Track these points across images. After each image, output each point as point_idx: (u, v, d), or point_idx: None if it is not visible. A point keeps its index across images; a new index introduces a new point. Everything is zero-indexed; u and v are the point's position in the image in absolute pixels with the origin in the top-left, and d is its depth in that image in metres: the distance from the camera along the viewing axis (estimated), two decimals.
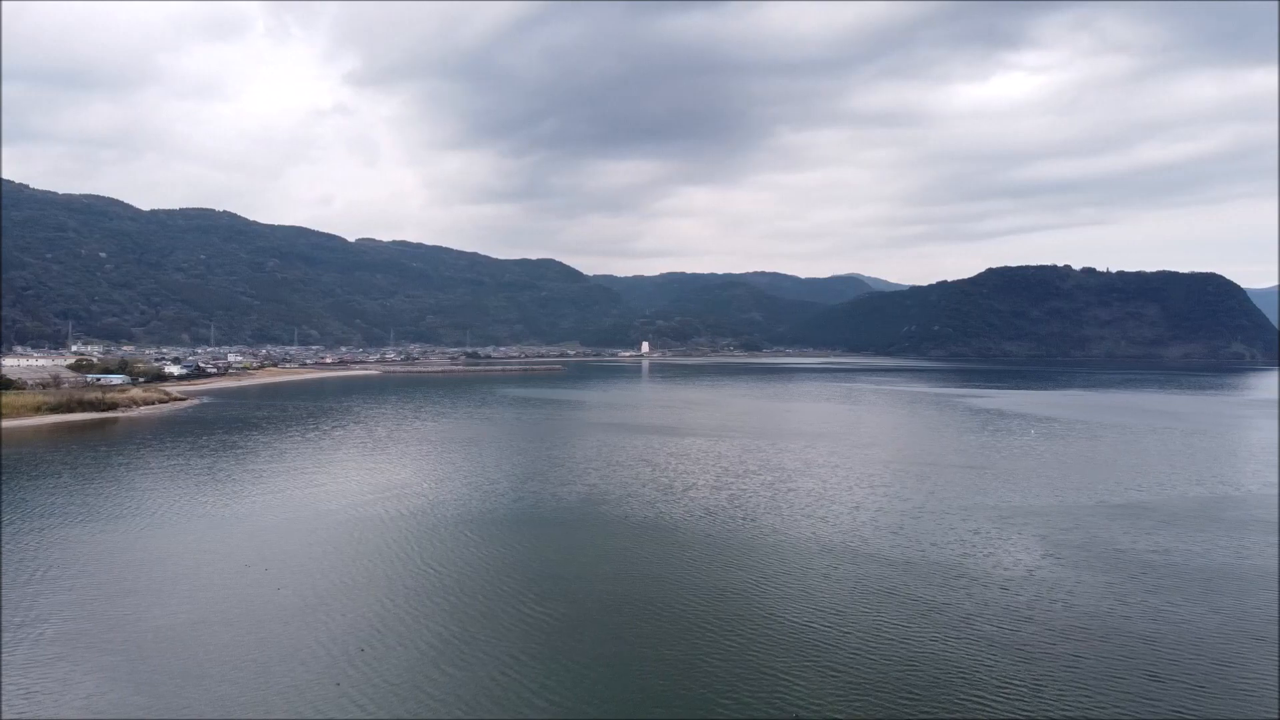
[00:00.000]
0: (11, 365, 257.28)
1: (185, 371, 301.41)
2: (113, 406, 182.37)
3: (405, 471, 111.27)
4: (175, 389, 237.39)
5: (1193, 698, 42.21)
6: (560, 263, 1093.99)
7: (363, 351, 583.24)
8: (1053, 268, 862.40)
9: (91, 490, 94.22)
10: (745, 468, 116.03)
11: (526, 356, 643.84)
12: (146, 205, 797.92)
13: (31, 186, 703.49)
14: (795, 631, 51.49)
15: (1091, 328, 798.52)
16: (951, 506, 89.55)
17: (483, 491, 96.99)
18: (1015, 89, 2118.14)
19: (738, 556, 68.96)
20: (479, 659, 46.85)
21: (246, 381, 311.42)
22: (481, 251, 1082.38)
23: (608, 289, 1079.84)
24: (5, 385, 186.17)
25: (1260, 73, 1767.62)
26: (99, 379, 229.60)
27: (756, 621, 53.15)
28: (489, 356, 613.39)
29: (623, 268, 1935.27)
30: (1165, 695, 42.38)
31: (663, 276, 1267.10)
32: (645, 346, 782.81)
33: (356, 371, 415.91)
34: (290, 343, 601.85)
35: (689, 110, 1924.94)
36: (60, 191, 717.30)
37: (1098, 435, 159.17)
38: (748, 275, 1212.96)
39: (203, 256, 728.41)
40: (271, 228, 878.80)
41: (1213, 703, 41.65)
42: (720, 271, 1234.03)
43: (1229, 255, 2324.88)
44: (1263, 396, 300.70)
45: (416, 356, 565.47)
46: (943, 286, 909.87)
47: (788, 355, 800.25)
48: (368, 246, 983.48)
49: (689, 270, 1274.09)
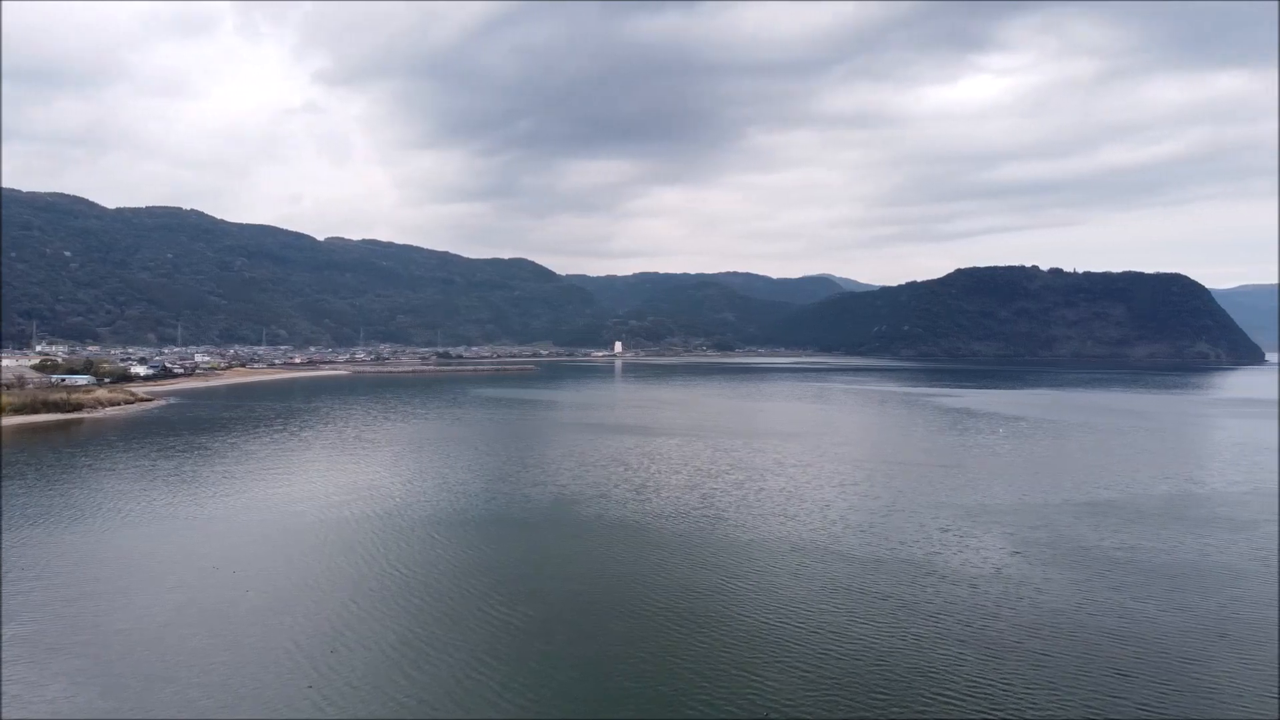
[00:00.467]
0: None
1: (152, 372, 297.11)
2: (78, 408, 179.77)
3: (374, 472, 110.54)
4: (141, 390, 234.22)
5: (1158, 694, 42.80)
6: (533, 262, 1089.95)
7: (332, 352, 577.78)
8: (1020, 268, 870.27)
9: (56, 492, 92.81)
10: (717, 467, 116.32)
11: (499, 356, 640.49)
12: (113, 204, 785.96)
13: None
14: (765, 630, 51.72)
15: (1059, 328, 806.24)
16: (920, 505, 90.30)
17: (453, 493, 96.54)
18: (984, 91, 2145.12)
19: (709, 556, 69.13)
20: (449, 661, 46.67)
21: (214, 382, 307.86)
22: (453, 251, 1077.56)
23: (581, 289, 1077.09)
24: None
25: (1225, 76, 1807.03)
26: (64, 380, 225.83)
27: (727, 621, 53.33)
28: (460, 356, 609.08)
29: (596, 268, 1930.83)
30: (1131, 692, 42.95)
31: (636, 276, 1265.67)
32: (618, 346, 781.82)
33: (326, 372, 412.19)
34: (258, 343, 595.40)
35: (662, 110, 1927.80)
36: (25, 190, 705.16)
37: (1065, 434, 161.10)
38: (721, 275, 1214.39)
39: (169, 255, 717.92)
40: (240, 226, 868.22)
41: (1178, 699, 42.26)
42: (693, 271, 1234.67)
43: (1194, 256, 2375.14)
44: (1227, 396, 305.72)
45: (387, 356, 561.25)
46: (912, 287, 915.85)
47: (760, 355, 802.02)
48: (337, 245, 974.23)
49: (662, 270, 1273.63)
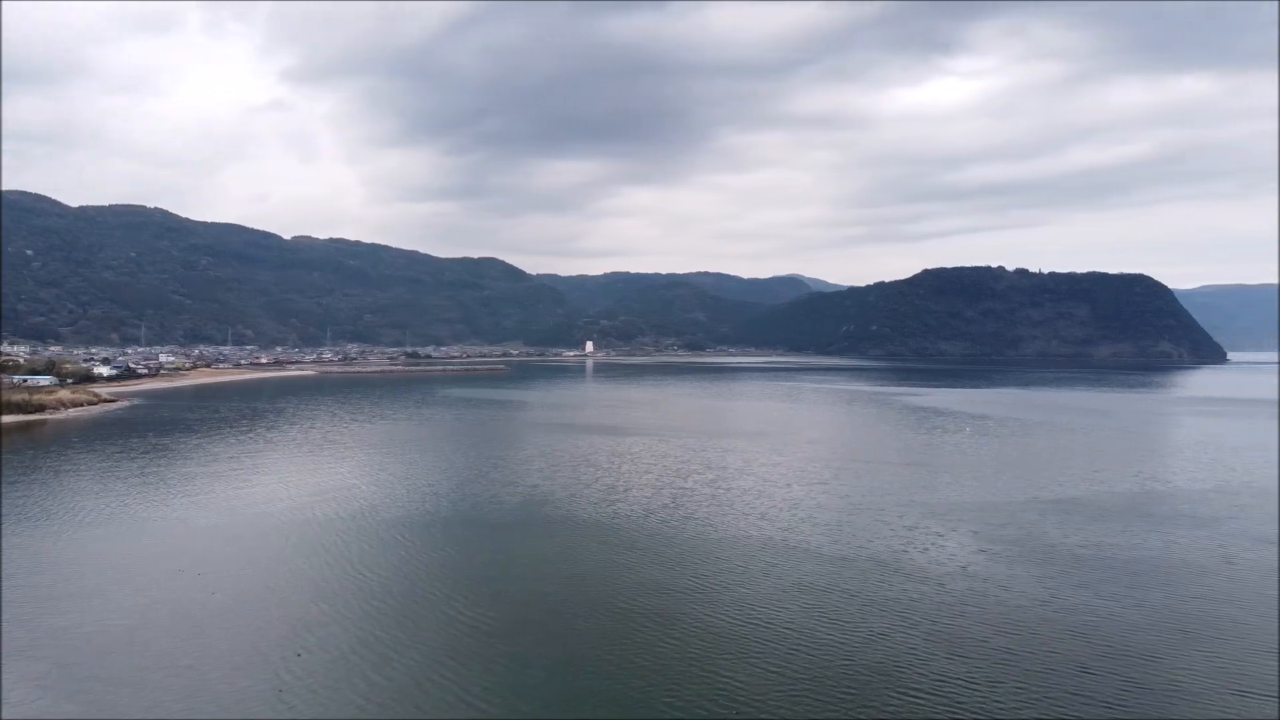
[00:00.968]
0: None
1: (115, 372, 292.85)
2: (40, 409, 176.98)
3: (341, 474, 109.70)
4: (105, 390, 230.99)
5: (1122, 691, 43.41)
6: (503, 262, 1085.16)
7: (299, 351, 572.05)
8: (987, 269, 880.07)
9: (18, 494, 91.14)
10: (688, 467, 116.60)
11: (468, 356, 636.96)
12: (76, 202, 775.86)
13: None
14: (734, 629, 51.95)
15: (1024, 327, 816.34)
16: (888, 503, 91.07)
17: (421, 494, 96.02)
18: (951, 93, 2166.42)
19: (679, 556, 69.29)
20: (416, 663, 46.45)
21: (179, 382, 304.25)
22: (422, 250, 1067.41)
23: (552, 288, 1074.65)
24: None
25: (1188, 79, 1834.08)
26: (25, 380, 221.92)
27: (696, 620, 53.50)
28: (429, 356, 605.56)
29: (567, 267, 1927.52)
30: (1096, 689, 43.54)
31: (607, 276, 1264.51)
32: (589, 346, 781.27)
33: (292, 372, 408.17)
34: (224, 343, 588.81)
35: (632, 110, 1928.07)
36: None
37: (1030, 433, 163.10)
38: (691, 275, 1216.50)
39: (133, 254, 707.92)
40: (205, 225, 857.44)
41: (1141, 696, 42.88)
42: (664, 271, 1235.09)
43: (1157, 257, 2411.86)
44: (1189, 394, 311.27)
45: (354, 356, 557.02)
46: (881, 287, 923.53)
47: (731, 355, 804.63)
48: (304, 244, 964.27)
49: (633, 270, 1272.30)
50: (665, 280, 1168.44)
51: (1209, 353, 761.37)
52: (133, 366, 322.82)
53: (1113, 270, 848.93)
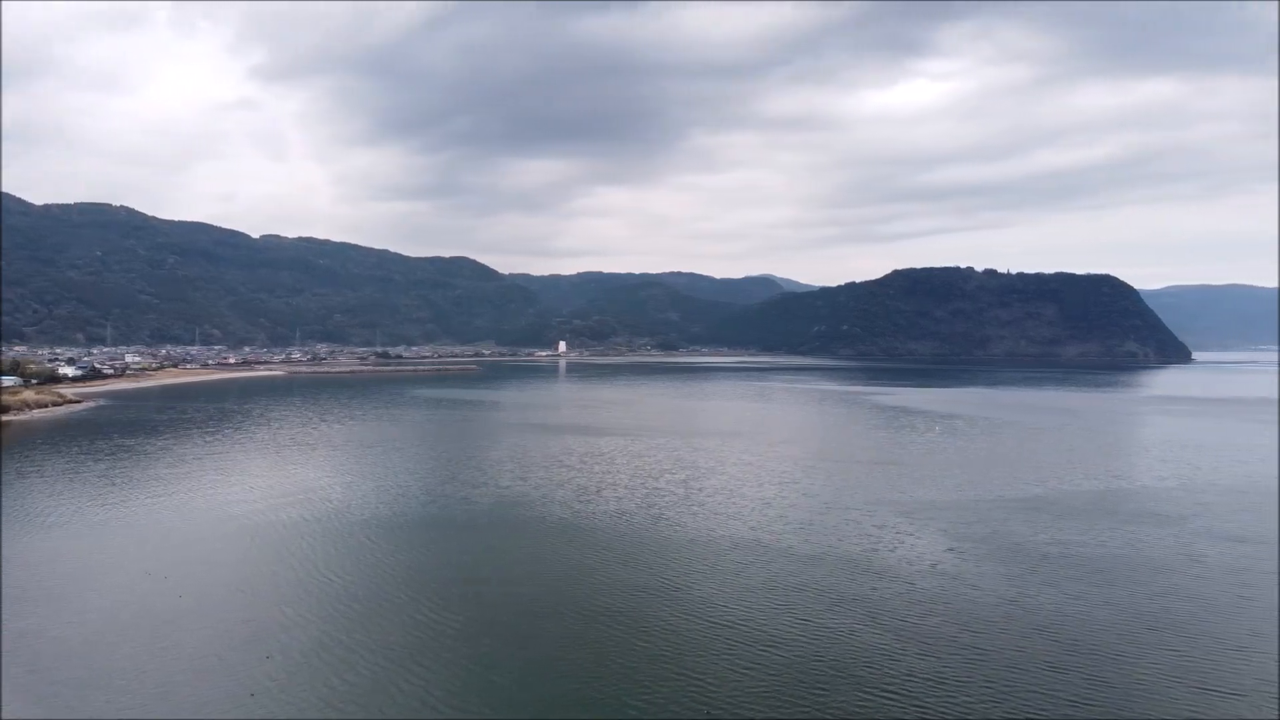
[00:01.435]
0: None
1: (80, 373, 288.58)
2: (3, 410, 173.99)
3: (310, 475, 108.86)
4: (70, 391, 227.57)
5: (1090, 688, 43.97)
6: (475, 261, 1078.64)
7: (267, 351, 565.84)
8: (956, 269, 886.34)
9: None
10: (660, 467, 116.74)
11: (439, 356, 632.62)
12: (41, 200, 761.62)
13: None
14: (706, 629, 52.10)
15: (993, 327, 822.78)
16: (858, 502, 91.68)
17: (391, 495, 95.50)
18: (921, 95, 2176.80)
19: (649, 557, 69.39)
20: (386, 665, 46.25)
21: (145, 383, 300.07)
22: (392, 249, 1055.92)
23: (524, 288, 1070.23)
24: None
25: (1152, 82, 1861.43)
26: None
27: (668, 620, 53.63)
28: (400, 356, 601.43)
29: (539, 267, 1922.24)
30: (1064, 686, 44.07)
31: (580, 276, 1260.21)
32: (562, 346, 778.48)
33: (261, 372, 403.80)
34: (191, 342, 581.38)
35: (605, 111, 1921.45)
36: None
37: (998, 432, 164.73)
38: (665, 275, 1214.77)
39: (99, 253, 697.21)
40: (172, 224, 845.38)
41: (1107, 693, 43.44)
42: (638, 271, 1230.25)
43: (1123, 258, 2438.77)
44: (1155, 394, 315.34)
45: (324, 356, 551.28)
46: (851, 288, 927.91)
47: (704, 355, 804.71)
48: (272, 244, 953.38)
49: (606, 270, 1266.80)
50: (639, 280, 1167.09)
51: (1174, 352, 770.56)
52: (98, 367, 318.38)
53: (1079, 271, 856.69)
